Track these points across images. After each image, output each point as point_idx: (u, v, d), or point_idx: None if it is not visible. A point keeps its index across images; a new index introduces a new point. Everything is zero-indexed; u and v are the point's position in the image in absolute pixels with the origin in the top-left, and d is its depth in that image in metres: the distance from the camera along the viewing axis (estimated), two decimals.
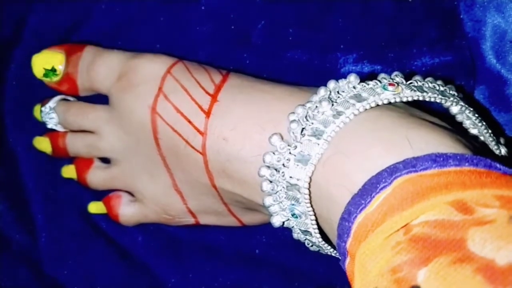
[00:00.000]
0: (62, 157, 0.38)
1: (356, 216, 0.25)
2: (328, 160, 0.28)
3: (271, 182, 0.29)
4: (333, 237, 0.29)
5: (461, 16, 0.34)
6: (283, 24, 0.37)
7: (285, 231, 0.38)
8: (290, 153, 0.29)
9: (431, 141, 0.26)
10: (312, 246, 0.32)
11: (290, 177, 0.28)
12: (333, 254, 0.32)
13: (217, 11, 0.38)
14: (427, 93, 0.29)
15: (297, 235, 0.31)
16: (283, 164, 0.29)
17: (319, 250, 0.32)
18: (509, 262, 0.20)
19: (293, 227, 0.30)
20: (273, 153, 0.29)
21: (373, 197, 0.25)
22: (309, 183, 0.28)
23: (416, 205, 0.23)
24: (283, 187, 0.29)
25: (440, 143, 0.26)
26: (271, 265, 0.38)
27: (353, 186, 0.26)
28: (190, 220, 0.37)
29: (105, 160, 0.38)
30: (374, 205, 0.25)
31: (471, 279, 0.20)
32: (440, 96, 0.29)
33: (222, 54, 0.37)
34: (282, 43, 0.38)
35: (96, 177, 0.37)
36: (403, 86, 0.29)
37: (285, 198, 0.29)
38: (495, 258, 0.20)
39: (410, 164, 0.25)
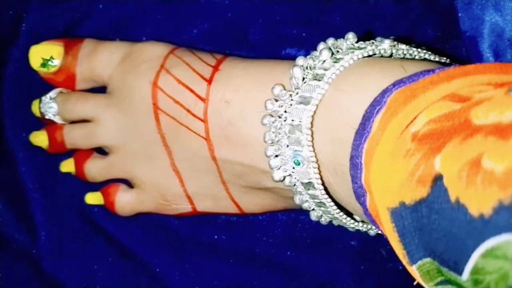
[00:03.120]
0: (58, 152, 0.38)
1: (363, 147, 0.26)
2: (329, 101, 0.28)
3: (273, 132, 0.30)
4: (348, 194, 0.28)
5: (459, 15, 0.34)
6: (280, 22, 0.38)
7: (286, 230, 0.39)
8: (292, 99, 0.29)
9: (424, 67, 0.27)
10: (330, 220, 0.32)
11: (292, 120, 0.29)
12: (347, 224, 0.32)
13: (214, 10, 0.38)
14: (419, 52, 0.30)
15: (314, 213, 0.31)
16: (285, 110, 0.29)
17: (335, 221, 0.32)
18: None
19: (295, 184, 0.30)
20: (275, 100, 0.30)
21: (373, 121, 0.25)
22: (312, 129, 0.29)
23: (408, 104, 0.24)
24: (285, 133, 0.29)
25: (433, 67, 0.27)
26: (271, 264, 0.38)
27: (355, 121, 0.27)
28: (187, 207, 0.37)
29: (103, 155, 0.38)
30: (375, 127, 0.25)
31: (484, 141, 0.21)
32: (429, 52, 0.31)
33: (220, 52, 0.37)
34: (279, 41, 0.38)
35: (94, 166, 0.37)
36: (396, 43, 0.30)
37: (287, 146, 0.29)
38: (501, 120, 0.21)
39: (400, 81, 0.26)
